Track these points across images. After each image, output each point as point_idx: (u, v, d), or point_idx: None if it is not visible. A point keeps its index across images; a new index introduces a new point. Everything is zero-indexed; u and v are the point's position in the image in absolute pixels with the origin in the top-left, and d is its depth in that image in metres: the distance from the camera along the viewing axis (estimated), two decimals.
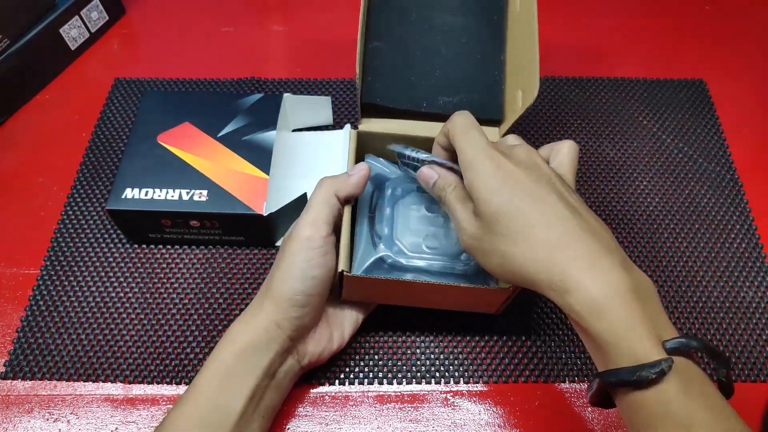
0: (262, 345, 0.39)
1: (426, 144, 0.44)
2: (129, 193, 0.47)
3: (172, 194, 0.47)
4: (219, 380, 0.38)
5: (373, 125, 0.48)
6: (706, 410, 0.30)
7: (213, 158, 0.49)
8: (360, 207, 0.44)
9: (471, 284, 0.41)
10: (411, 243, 0.43)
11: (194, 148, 0.50)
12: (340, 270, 0.40)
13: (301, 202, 0.50)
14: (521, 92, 0.46)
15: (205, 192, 0.48)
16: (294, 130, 0.57)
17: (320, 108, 0.56)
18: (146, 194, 0.47)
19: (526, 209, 0.34)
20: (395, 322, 0.47)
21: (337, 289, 0.42)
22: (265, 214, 0.47)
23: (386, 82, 0.48)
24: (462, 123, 0.38)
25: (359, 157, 0.48)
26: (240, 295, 0.49)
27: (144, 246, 0.51)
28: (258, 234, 0.50)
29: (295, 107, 0.55)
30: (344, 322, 0.45)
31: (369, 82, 0.48)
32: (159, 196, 0.47)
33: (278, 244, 0.51)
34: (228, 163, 0.49)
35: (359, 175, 0.42)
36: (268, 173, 0.49)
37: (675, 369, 0.30)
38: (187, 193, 0.48)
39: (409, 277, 0.42)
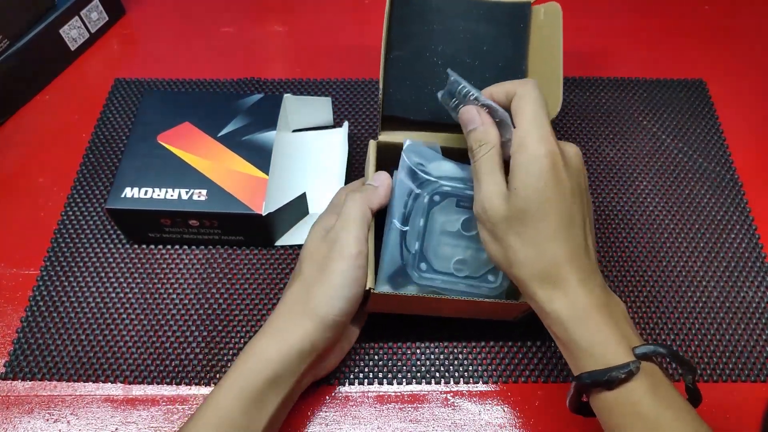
0: (293, 367, 0.38)
1: (447, 154, 0.43)
2: (128, 192, 0.47)
3: (172, 193, 0.47)
4: (245, 404, 0.37)
5: (393, 137, 0.48)
6: (672, 410, 0.32)
7: (213, 158, 0.49)
8: (388, 214, 0.43)
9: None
10: (439, 264, 0.42)
11: (194, 148, 0.50)
12: (367, 287, 0.40)
13: (300, 202, 0.50)
14: None
15: (204, 191, 0.48)
16: (294, 131, 0.57)
17: (320, 108, 0.56)
18: (146, 193, 0.47)
19: (551, 220, 0.35)
20: (395, 322, 0.47)
21: None
22: (264, 214, 0.47)
23: (406, 93, 0.48)
24: (535, 99, 0.36)
25: (380, 168, 0.46)
26: (240, 296, 0.49)
27: (144, 246, 0.51)
28: (257, 234, 0.50)
29: (296, 108, 0.55)
30: (352, 331, 0.45)
31: (390, 94, 0.47)
32: (158, 195, 0.47)
33: (278, 244, 0.51)
34: (228, 163, 0.49)
35: (385, 185, 0.42)
36: (267, 173, 0.49)
37: (644, 372, 0.33)
38: (187, 192, 0.48)
39: (432, 292, 0.42)
